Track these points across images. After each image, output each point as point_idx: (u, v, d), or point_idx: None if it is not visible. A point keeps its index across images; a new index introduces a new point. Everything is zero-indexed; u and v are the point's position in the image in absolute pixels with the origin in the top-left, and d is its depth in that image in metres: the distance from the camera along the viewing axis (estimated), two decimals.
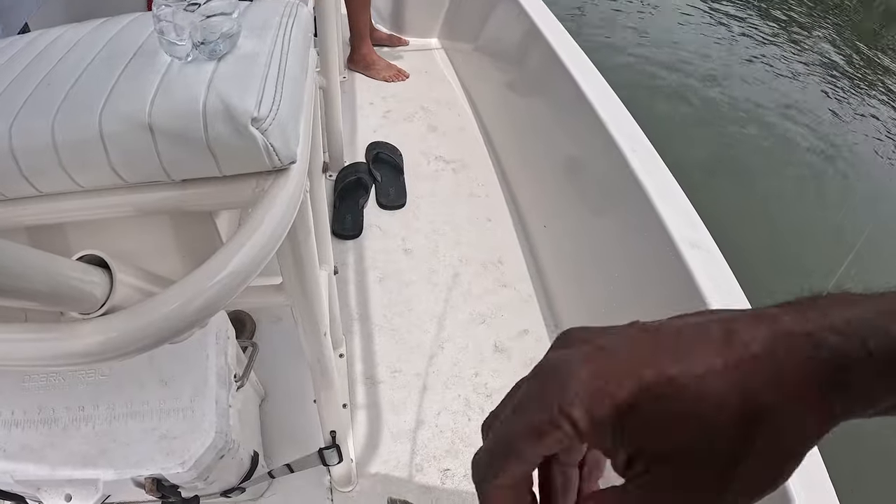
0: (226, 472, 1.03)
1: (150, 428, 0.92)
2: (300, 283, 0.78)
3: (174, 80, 0.57)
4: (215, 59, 0.60)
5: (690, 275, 1.09)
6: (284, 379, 1.47)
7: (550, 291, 1.74)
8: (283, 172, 0.60)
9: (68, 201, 0.63)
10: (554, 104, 1.83)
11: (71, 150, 0.57)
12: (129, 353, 0.50)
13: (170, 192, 0.61)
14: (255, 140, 0.54)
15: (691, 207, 1.23)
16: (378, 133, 2.31)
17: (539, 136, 1.95)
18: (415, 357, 1.57)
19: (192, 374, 0.96)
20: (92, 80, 0.60)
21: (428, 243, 1.88)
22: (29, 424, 0.92)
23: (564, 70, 1.70)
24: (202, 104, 0.54)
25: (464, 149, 2.27)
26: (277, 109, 0.57)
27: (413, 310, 1.68)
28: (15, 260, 0.41)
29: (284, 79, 0.61)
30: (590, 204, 1.59)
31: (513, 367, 1.56)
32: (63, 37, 0.71)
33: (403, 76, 2.64)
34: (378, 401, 1.48)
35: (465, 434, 1.42)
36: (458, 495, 1.32)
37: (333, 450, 1.12)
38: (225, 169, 0.58)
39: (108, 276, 0.53)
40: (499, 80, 2.31)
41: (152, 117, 0.54)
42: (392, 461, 1.37)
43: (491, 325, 1.66)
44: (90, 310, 0.51)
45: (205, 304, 0.51)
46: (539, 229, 1.86)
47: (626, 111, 1.51)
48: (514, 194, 2.07)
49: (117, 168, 0.58)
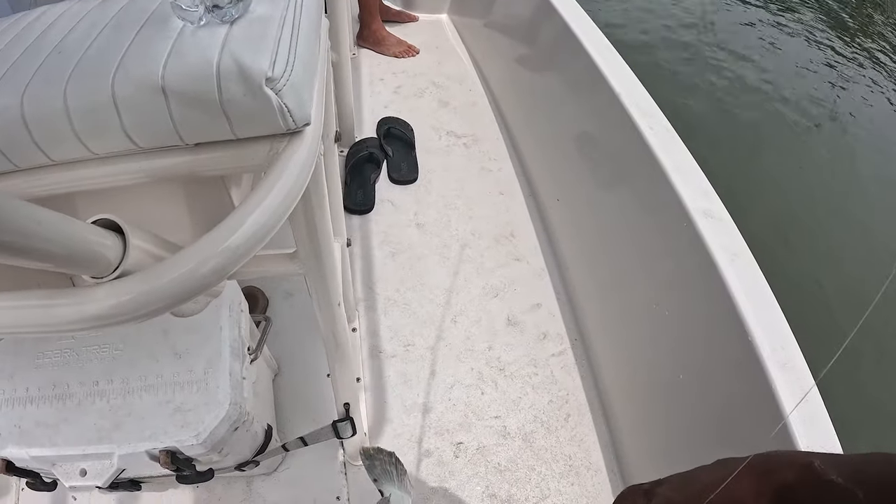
0: (240, 444, 1.03)
1: (165, 401, 0.92)
2: (314, 250, 0.77)
3: (187, 43, 0.56)
4: (228, 23, 0.58)
5: (704, 245, 1.07)
6: (297, 354, 1.48)
7: (563, 265, 1.73)
8: (298, 135, 0.59)
9: (81, 170, 0.63)
10: (566, 77, 1.80)
11: (84, 116, 0.56)
12: (142, 315, 0.49)
13: (183, 157, 0.61)
14: (269, 100, 0.53)
15: (704, 177, 1.22)
16: (389, 109, 2.29)
17: (551, 109, 1.93)
18: (427, 331, 1.57)
19: (205, 346, 0.97)
20: (103, 46, 0.59)
21: (440, 217, 1.87)
22: (43, 401, 0.92)
23: (577, 42, 1.67)
24: (216, 65, 0.53)
25: (475, 123, 2.26)
26: (292, 70, 0.55)
27: (425, 284, 1.68)
28: (31, 220, 0.40)
29: (298, 40, 0.60)
30: (603, 176, 1.57)
31: (526, 341, 1.56)
32: (72, 9, 0.70)
33: (414, 52, 2.62)
34: (390, 374, 1.48)
35: (478, 407, 1.42)
36: (471, 468, 1.32)
37: (347, 422, 1.12)
38: (239, 131, 0.57)
39: (122, 240, 0.52)
40: (510, 54, 2.28)
41: (165, 80, 0.53)
42: (405, 435, 1.37)
43: (504, 299, 1.65)
44: (103, 273, 0.51)
45: (217, 266, 0.50)
46: (552, 203, 1.85)
47: (639, 83, 1.49)
48: (526, 168, 2.05)
49: (131, 133, 0.57)
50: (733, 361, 0.98)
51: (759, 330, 0.93)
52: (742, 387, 0.96)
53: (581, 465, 1.34)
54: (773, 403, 0.86)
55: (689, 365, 1.14)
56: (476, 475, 1.31)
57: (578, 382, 1.48)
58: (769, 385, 0.88)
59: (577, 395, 1.46)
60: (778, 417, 0.85)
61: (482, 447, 1.35)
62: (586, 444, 1.37)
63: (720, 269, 1.03)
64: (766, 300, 0.99)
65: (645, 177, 1.29)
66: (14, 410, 0.92)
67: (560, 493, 1.29)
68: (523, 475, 1.31)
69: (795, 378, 0.88)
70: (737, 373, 0.98)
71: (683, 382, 1.14)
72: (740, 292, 0.99)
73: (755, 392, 0.91)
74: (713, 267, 1.04)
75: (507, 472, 1.32)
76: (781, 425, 0.84)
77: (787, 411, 0.84)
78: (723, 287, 1.01)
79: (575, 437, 1.38)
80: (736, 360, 0.97)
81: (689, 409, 1.13)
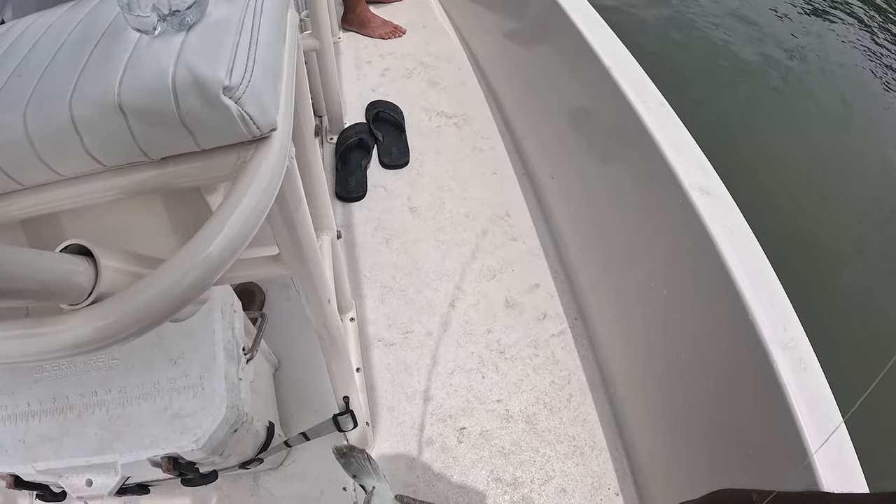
0: (241, 444, 1.03)
1: (163, 408, 0.92)
2: (297, 251, 0.76)
3: (143, 56, 0.55)
4: (185, 30, 0.57)
5: (701, 220, 1.06)
6: (297, 346, 1.47)
7: (560, 243, 1.72)
8: (265, 141, 0.58)
9: (53, 191, 0.62)
10: (556, 52, 1.77)
11: (45, 140, 0.56)
12: (122, 338, 0.49)
13: (152, 172, 0.60)
14: (228, 110, 0.52)
15: (700, 151, 1.20)
16: (377, 92, 2.27)
17: (542, 85, 1.90)
18: (425, 317, 1.57)
19: (199, 350, 0.97)
20: (62, 65, 0.59)
21: (434, 200, 1.85)
22: (45, 414, 0.93)
23: (565, 16, 1.64)
24: (171, 78, 0.51)
25: (466, 103, 2.23)
26: (251, 76, 0.54)
27: (421, 269, 1.67)
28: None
29: (258, 44, 0.58)
30: (597, 152, 1.55)
31: (525, 322, 1.55)
32: (34, 25, 0.69)
33: (400, 32, 2.58)
34: (390, 363, 1.48)
35: (480, 392, 1.42)
36: (475, 453, 1.32)
37: (348, 415, 1.12)
38: (203, 143, 0.56)
39: (94, 263, 0.52)
40: (498, 30, 2.25)
41: (122, 97, 0.52)
42: (408, 422, 1.37)
43: (501, 281, 1.65)
44: (79, 299, 0.50)
45: (193, 281, 0.50)
46: (546, 180, 1.83)
47: (630, 56, 1.46)
48: (519, 146, 2.03)
49: (94, 153, 0.56)
50: (734, 340, 0.97)
51: (760, 309, 0.92)
52: (743, 365, 0.95)
53: (585, 444, 1.34)
54: (775, 382, 0.85)
55: (689, 343, 1.13)
56: (480, 460, 1.31)
57: (579, 362, 1.48)
58: (770, 364, 0.87)
59: (578, 375, 1.45)
60: (779, 395, 0.84)
61: (485, 431, 1.35)
62: (590, 424, 1.37)
63: (718, 246, 1.01)
64: (767, 277, 0.97)
65: (639, 152, 1.27)
66: (18, 426, 0.92)
67: (565, 473, 1.29)
68: (528, 458, 1.32)
69: (798, 357, 0.87)
70: (737, 351, 0.97)
71: (685, 360, 1.13)
72: (739, 269, 0.97)
73: (755, 370, 0.90)
74: (710, 243, 1.02)
75: (511, 455, 1.32)
76: (783, 407, 0.84)
77: (788, 389, 0.84)
78: (721, 264, 0.99)
79: (578, 417, 1.38)
80: (736, 338, 0.96)
81: (690, 387, 1.13)
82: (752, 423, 0.94)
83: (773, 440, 0.87)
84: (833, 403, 0.84)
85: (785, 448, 0.83)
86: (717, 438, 1.04)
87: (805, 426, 0.81)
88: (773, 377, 0.86)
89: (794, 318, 0.92)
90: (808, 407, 0.82)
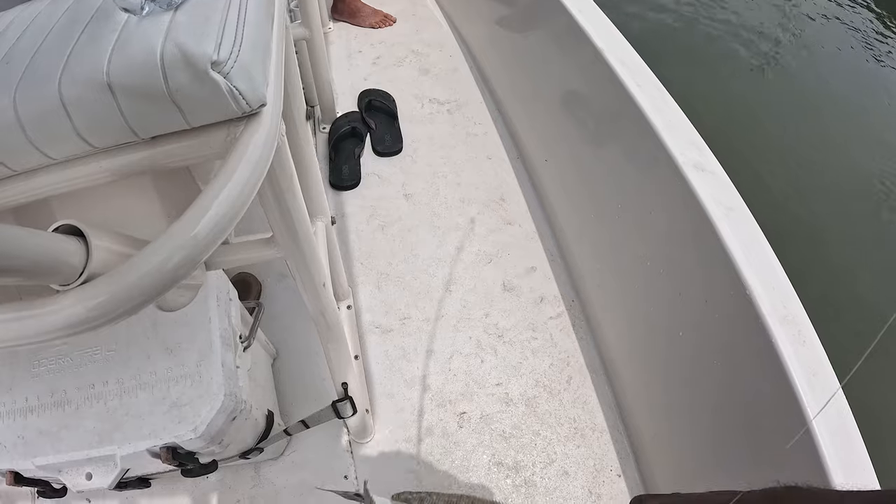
0: (241, 433, 1.03)
1: (160, 398, 0.92)
2: (290, 233, 0.75)
3: (131, 35, 0.54)
4: (172, 10, 0.56)
5: (697, 198, 1.05)
6: (295, 335, 1.47)
7: (556, 226, 1.71)
8: (255, 117, 0.57)
9: (44, 176, 0.62)
10: (547, 35, 1.76)
11: (35, 123, 0.55)
12: (113, 318, 0.48)
13: (143, 152, 0.59)
14: (217, 85, 0.51)
15: (694, 130, 1.19)
16: (369, 81, 2.26)
17: (534, 69, 1.89)
18: (422, 302, 1.56)
19: (196, 339, 0.96)
20: (50, 49, 0.58)
21: (428, 187, 1.85)
22: (43, 409, 0.93)
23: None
24: (159, 55, 0.51)
25: (458, 89, 2.22)
26: (239, 50, 0.53)
27: (417, 255, 1.67)
28: None
29: (246, 19, 0.58)
30: (590, 134, 1.55)
31: (522, 305, 1.55)
32: (20, 16, 0.68)
33: (390, 21, 2.57)
34: (389, 349, 1.48)
35: (479, 376, 1.42)
36: (476, 437, 1.32)
37: (346, 402, 1.12)
38: (192, 120, 0.55)
39: (84, 243, 0.51)
40: (489, 16, 2.24)
41: (110, 76, 0.51)
42: (408, 408, 1.37)
43: (498, 265, 1.64)
44: (70, 279, 0.50)
45: (184, 258, 0.49)
46: (540, 164, 1.83)
47: (622, 38, 1.45)
48: (512, 131, 2.03)
49: (84, 134, 0.56)
50: (733, 316, 0.97)
51: (759, 286, 0.92)
52: (742, 341, 0.95)
53: (586, 426, 1.34)
54: (775, 358, 0.85)
55: (688, 322, 1.12)
56: (481, 444, 1.31)
57: (578, 344, 1.48)
58: (770, 341, 0.86)
59: (577, 356, 1.45)
60: (780, 371, 0.84)
61: (485, 415, 1.35)
62: (590, 406, 1.37)
63: (714, 223, 1.01)
64: (765, 255, 0.96)
65: (633, 132, 1.27)
66: (16, 422, 0.92)
67: (567, 455, 1.29)
68: (528, 441, 1.31)
69: (797, 331, 0.87)
70: (737, 327, 0.96)
71: (683, 339, 1.13)
72: (737, 247, 0.97)
73: (755, 347, 0.89)
74: (707, 221, 1.02)
75: (512, 438, 1.32)
76: (782, 381, 0.83)
77: (788, 364, 0.83)
78: (718, 242, 0.98)
79: (578, 399, 1.38)
80: (735, 314, 0.95)
81: (690, 365, 1.13)
82: (752, 399, 0.93)
83: (774, 414, 0.87)
84: (833, 375, 0.84)
85: (785, 422, 0.83)
86: (718, 415, 1.04)
87: (805, 398, 0.80)
88: (773, 352, 0.85)
89: (791, 293, 0.92)
90: (807, 380, 0.82)
